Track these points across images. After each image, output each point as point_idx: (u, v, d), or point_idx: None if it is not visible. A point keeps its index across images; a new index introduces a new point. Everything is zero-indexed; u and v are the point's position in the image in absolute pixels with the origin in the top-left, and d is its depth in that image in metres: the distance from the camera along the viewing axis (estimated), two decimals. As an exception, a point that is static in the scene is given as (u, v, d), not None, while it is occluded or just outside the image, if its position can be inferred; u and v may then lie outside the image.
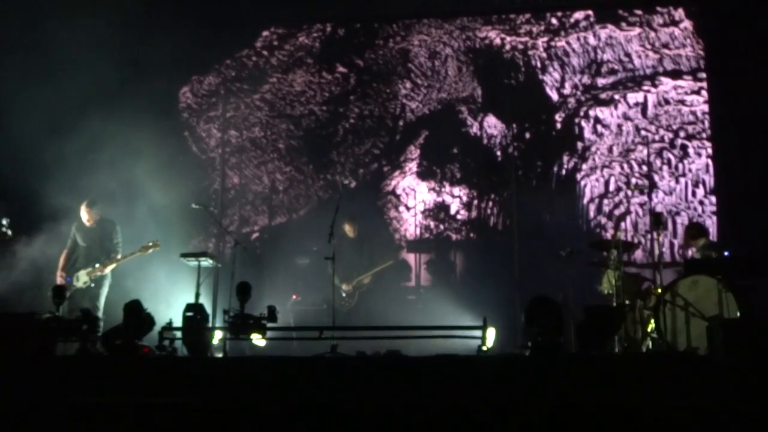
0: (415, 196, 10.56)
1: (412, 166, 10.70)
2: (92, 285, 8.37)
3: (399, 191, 10.66)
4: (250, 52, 11.22)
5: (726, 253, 7.83)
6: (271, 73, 11.16)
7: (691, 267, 7.09)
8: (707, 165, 9.82)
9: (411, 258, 10.28)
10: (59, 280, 8.33)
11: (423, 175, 10.64)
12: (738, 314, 6.38)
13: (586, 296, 8.78)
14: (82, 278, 8.40)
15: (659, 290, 6.91)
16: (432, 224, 10.46)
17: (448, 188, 10.52)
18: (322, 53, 11.14)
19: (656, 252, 7.30)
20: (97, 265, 8.40)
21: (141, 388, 5.44)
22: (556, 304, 6.40)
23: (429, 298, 9.52)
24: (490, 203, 10.35)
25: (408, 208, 10.56)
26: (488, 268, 9.92)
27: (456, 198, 10.48)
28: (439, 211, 10.49)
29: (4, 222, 8.10)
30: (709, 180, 9.79)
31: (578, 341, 6.53)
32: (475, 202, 10.40)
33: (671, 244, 9.60)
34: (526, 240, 9.86)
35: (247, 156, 10.98)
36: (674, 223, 9.69)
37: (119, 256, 8.49)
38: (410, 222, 10.45)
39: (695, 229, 8.36)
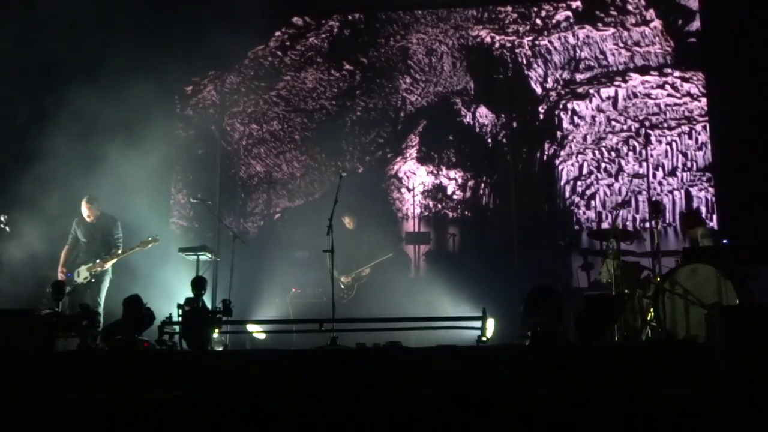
0: (415, 179, 11.36)
1: (413, 152, 11.53)
2: (93, 280, 8.31)
3: (401, 174, 11.50)
4: (265, 52, 11.91)
5: (724, 241, 7.83)
6: (285, 71, 11.92)
7: (689, 255, 7.08)
8: (666, 151, 10.68)
9: (410, 250, 10.36)
10: (60, 276, 8.28)
11: (422, 160, 11.46)
12: (737, 301, 6.38)
13: (585, 285, 8.82)
14: (82, 274, 8.36)
15: (658, 279, 6.91)
16: (431, 203, 11.28)
17: (444, 171, 11.37)
18: (330, 52, 11.89)
19: (655, 241, 7.28)
20: (98, 261, 8.36)
21: (141, 383, 5.45)
22: (555, 294, 6.41)
23: (428, 290, 9.53)
24: (482, 184, 11.24)
25: (409, 190, 11.33)
26: (487, 258, 10.04)
27: (452, 180, 11.33)
28: (437, 191, 11.32)
29: (2, 218, 8.09)
30: (668, 164, 10.64)
31: (578, 330, 6.53)
32: (469, 183, 11.28)
33: (634, 219, 10.51)
34: (523, 228, 10.15)
35: (267, 147, 11.79)
36: (636, 201, 10.58)
37: (120, 251, 8.47)
38: (411, 202, 11.21)
39: (692, 218, 8.31)
